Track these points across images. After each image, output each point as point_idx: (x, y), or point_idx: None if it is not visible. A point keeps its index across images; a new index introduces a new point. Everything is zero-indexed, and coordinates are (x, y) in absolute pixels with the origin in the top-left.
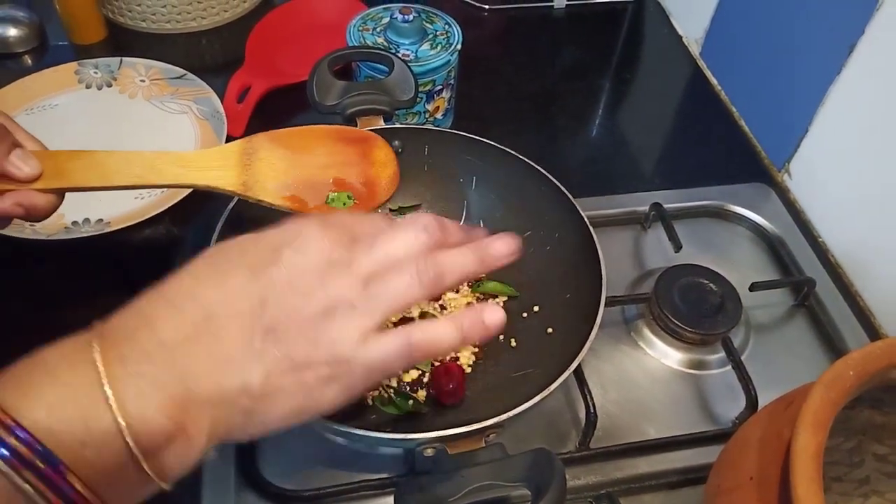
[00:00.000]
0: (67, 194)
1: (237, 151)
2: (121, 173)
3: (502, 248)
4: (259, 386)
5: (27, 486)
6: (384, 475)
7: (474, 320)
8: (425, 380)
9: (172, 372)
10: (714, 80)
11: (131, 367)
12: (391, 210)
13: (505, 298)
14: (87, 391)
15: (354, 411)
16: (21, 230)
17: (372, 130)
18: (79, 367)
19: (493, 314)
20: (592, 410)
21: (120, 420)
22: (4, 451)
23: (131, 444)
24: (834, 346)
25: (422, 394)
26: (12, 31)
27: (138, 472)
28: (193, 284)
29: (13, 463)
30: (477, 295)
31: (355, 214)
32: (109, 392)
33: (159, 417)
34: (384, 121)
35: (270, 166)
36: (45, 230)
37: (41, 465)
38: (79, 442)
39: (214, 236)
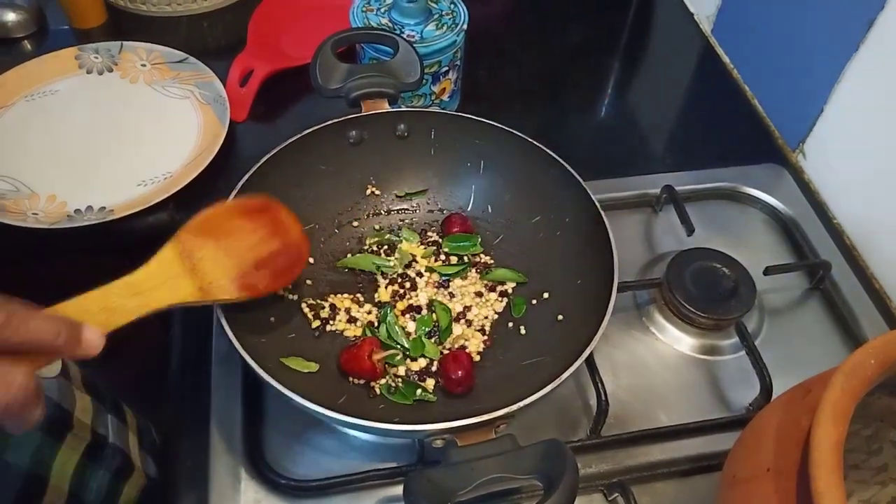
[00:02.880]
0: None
1: (175, 256)
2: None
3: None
4: None
5: None
6: (393, 464)
7: (72, 332)
8: (433, 368)
9: None
10: (726, 59)
11: None
12: (398, 196)
13: (514, 285)
14: None
15: (361, 401)
16: (24, 219)
17: (376, 114)
18: None
19: (92, 334)
20: (604, 398)
21: None
22: None
23: None
24: (850, 331)
25: (430, 382)
26: (11, 16)
27: None
28: None
29: None
30: (486, 282)
31: None
32: None
33: None
34: (389, 104)
35: (214, 262)
36: (47, 219)
37: None
38: None
39: None
